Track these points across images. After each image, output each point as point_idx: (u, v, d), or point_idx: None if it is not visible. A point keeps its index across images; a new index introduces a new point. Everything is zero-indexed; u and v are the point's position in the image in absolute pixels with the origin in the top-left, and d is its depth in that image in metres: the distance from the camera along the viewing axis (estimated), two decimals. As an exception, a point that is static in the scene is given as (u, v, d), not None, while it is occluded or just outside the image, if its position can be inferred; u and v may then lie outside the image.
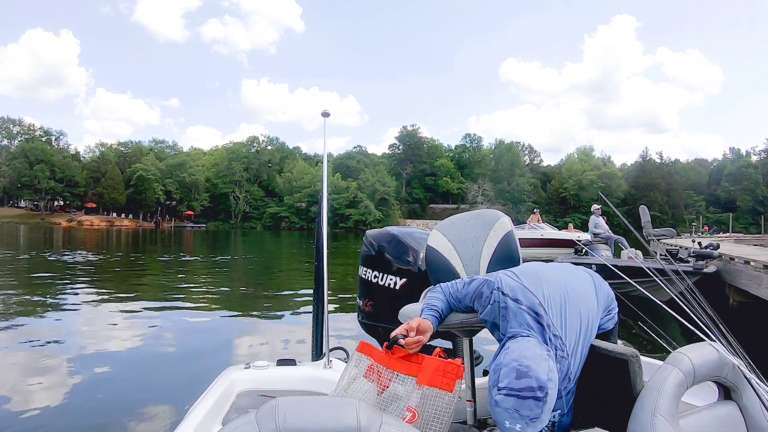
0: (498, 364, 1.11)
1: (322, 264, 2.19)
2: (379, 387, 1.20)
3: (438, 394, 1.13)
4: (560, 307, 1.30)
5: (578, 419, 1.48)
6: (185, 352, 5.18)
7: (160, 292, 9.32)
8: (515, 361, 1.09)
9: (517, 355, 1.11)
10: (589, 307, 1.37)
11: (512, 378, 1.07)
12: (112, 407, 3.56)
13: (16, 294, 8.62)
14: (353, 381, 1.22)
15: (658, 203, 65.85)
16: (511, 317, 1.27)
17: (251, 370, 1.95)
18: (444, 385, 1.13)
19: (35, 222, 59.43)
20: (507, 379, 1.07)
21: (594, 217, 10.40)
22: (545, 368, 1.09)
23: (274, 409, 0.69)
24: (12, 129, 69.53)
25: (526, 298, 1.28)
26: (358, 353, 1.28)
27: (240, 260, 18.93)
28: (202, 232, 52.78)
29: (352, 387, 1.21)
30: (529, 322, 1.23)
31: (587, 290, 1.41)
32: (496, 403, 1.08)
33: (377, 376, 1.22)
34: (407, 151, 78.05)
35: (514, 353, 1.12)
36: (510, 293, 1.30)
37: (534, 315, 1.25)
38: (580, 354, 1.29)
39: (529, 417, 1.06)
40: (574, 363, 1.26)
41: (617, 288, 1.86)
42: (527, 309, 1.26)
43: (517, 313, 1.26)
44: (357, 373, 1.24)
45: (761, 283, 6.76)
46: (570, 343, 1.26)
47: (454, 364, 1.16)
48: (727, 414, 1.21)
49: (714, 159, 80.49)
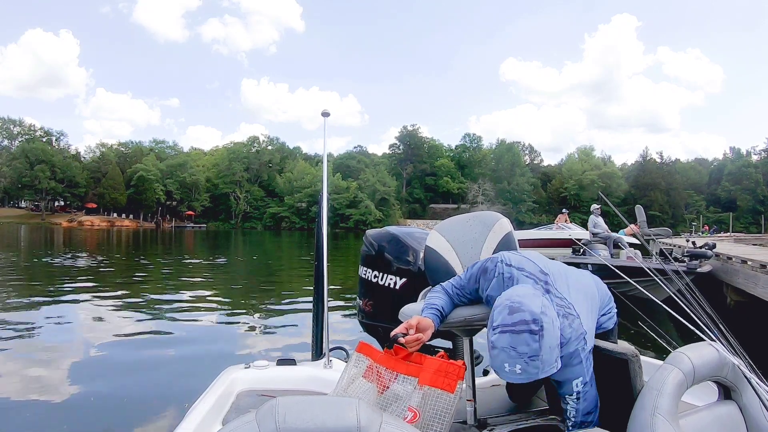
0: (492, 310, 1.12)
1: (322, 264, 2.19)
2: (378, 387, 1.20)
3: (439, 395, 1.13)
4: (564, 281, 1.33)
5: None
6: (185, 352, 5.18)
7: (160, 292, 9.33)
8: (507, 300, 1.10)
9: (509, 294, 1.12)
10: (592, 292, 1.40)
11: (505, 314, 1.07)
12: (112, 407, 3.56)
13: (17, 294, 8.62)
14: (353, 381, 1.22)
15: (658, 203, 65.85)
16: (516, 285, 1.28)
17: (251, 370, 1.95)
18: (445, 386, 1.13)
19: (36, 222, 59.42)
20: (500, 317, 1.07)
21: (593, 217, 10.41)
22: (538, 303, 1.08)
23: (274, 408, 0.69)
24: (12, 129, 69.48)
25: (531, 268, 1.32)
26: (357, 353, 1.28)
27: (240, 260, 18.93)
28: (203, 233, 52.78)
29: (351, 387, 1.21)
30: (533, 284, 1.26)
31: (588, 280, 1.45)
32: (492, 345, 1.07)
33: (377, 376, 1.22)
34: (407, 151, 78.02)
35: (506, 294, 1.14)
36: (515, 264, 1.33)
37: (537, 279, 1.28)
38: (590, 321, 1.29)
39: (527, 354, 1.04)
40: (586, 324, 1.25)
41: (616, 287, 1.86)
42: (530, 274, 1.29)
43: (521, 280, 1.29)
44: (356, 373, 1.24)
45: (758, 282, 6.76)
46: (577, 307, 1.26)
47: (456, 365, 1.16)
48: (727, 414, 1.21)
49: (714, 159, 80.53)
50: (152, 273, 13.41)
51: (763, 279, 6.63)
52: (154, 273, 13.43)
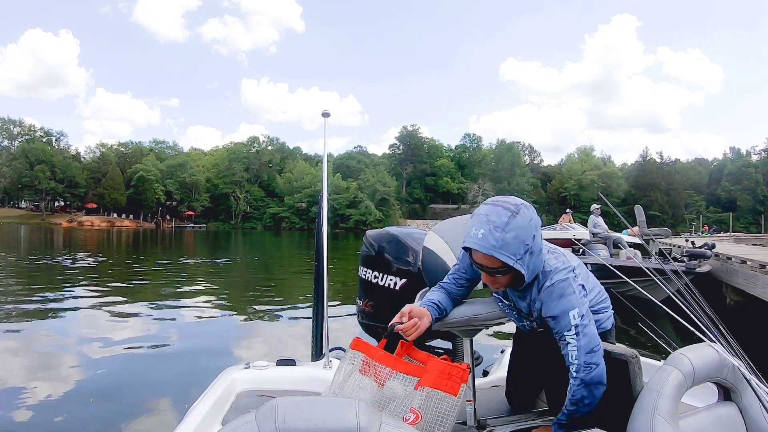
0: None
1: (322, 264, 2.19)
2: (377, 383, 1.20)
3: (442, 397, 1.12)
4: (563, 251, 1.41)
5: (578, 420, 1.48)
6: (185, 352, 5.18)
7: (160, 293, 9.33)
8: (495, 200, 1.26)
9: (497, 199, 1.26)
10: (586, 271, 1.47)
11: (491, 203, 1.23)
12: (112, 407, 3.56)
13: (17, 294, 8.62)
14: (348, 378, 1.22)
15: (658, 203, 65.82)
16: None
17: (251, 370, 1.95)
18: (448, 389, 1.13)
19: (36, 222, 59.41)
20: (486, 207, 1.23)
21: (593, 217, 10.42)
22: (521, 201, 1.23)
23: (273, 409, 0.69)
24: (12, 130, 69.41)
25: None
26: (352, 350, 1.28)
27: (240, 260, 18.93)
28: (203, 233, 52.80)
29: (347, 385, 1.21)
30: None
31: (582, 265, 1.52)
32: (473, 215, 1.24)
33: (374, 372, 1.21)
34: (407, 151, 77.97)
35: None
36: None
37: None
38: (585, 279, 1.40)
39: (494, 223, 1.17)
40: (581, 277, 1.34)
41: (615, 287, 1.86)
42: None
43: None
44: (352, 370, 1.23)
45: (757, 282, 6.77)
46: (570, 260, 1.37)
47: (460, 368, 1.15)
48: (727, 415, 1.21)
49: (714, 159, 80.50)
50: (152, 273, 13.41)
51: (763, 279, 6.63)
52: (154, 273, 13.43)
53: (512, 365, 1.79)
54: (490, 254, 1.17)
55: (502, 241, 1.16)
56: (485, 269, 1.25)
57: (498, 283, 1.30)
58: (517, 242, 1.17)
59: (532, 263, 1.23)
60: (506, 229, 1.16)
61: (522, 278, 1.24)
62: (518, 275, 1.24)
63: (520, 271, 1.20)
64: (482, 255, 1.20)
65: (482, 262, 1.23)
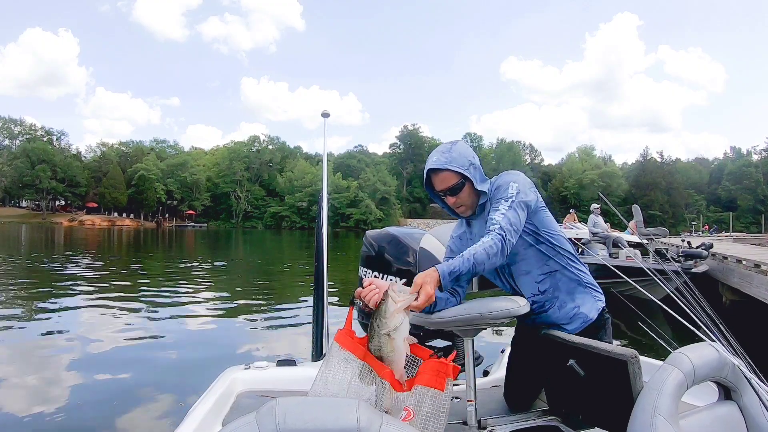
0: None
1: (322, 264, 2.19)
2: (359, 379, 1.21)
3: (434, 394, 1.13)
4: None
5: (578, 419, 1.48)
6: (185, 353, 5.19)
7: (160, 293, 9.33)
8: None
9: None
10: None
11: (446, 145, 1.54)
12: (112, 408, 3.57)
13: (17, 294, 8.63)
14: (331, 375, 1.23)
15: (658, 202, 65.75)
16: None
17: (251, 371, 1.95)
18: (436, 384, 1.14)
19: (37, 222, 59.45)
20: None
21: (593, 217, 10.42)
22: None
23: (274, 409, 0.69)
24: (13, 129, 69.43)
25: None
26: (335, 343, 1.28)
27: (241, 260, 18.94)
28: (204, 232, 52.82)
29: (330, 383, 1.22)
30: None
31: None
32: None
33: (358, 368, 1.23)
34: (408, 151, 77.98)
35: None
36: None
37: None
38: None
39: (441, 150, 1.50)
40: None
41: (615, 287, 1.86)
42: None
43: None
44: (336, 367, 1.24)
45: (752, 281, 6.79)
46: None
47: (445, 363, 1.16)
48: (728, 414, 1.21)
49: (715, 158, 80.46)
50: (152, 273, 13.42)
51: (758, 278, 6.65)
52: (155, 273, 13.44)
53: (510, 366, 1.79)
54: (444, 167, 1.45)
55: (450, 158, 1.46)
56: (447, 192, 1.48)
57: (463, 205, 1.52)
58: (462, 158, 1.47)
59: (479, 175, 1.50)
60: (451, 151, 1.48)
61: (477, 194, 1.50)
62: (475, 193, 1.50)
63: (471, 180, 1.46)
64: (440, 176, 1.47)
65: (441, 185, 1.48)
